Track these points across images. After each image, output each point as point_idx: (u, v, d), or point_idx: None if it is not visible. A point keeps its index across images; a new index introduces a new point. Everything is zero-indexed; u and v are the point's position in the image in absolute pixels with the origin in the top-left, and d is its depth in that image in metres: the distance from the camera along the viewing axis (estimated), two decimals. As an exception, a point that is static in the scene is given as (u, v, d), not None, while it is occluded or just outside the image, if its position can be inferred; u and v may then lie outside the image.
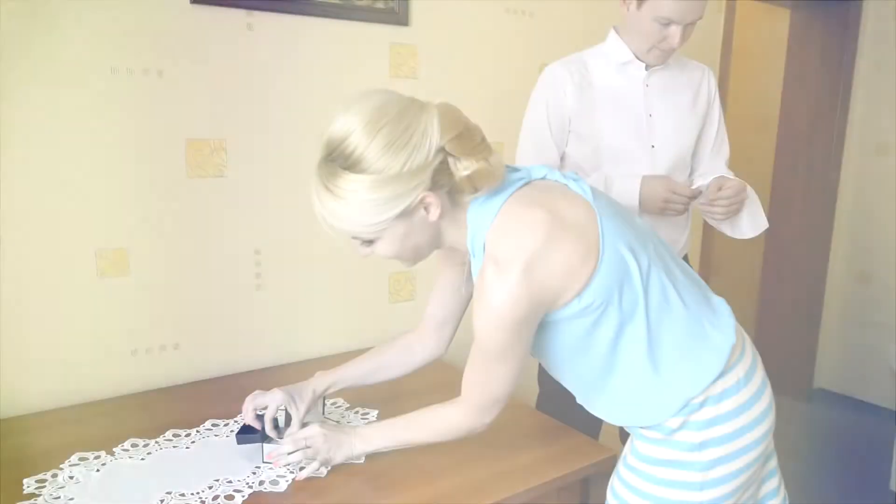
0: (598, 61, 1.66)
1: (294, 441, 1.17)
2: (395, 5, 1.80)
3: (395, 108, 0.96)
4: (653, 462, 1.07)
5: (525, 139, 1.72)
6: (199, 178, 1.59)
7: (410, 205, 0.96)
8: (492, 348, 1.00)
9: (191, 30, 1.53)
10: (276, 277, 1.74)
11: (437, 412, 1.16)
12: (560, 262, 0.95)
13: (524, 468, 1.23)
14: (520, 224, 0.97)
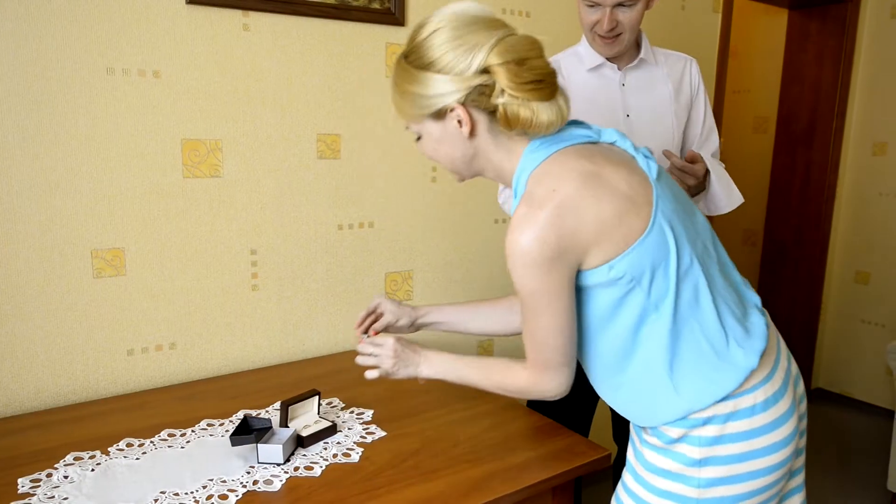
0: (571, 64, 1.64)
1: (372, 344, 1.23)
2: (391, 5, 1.80)
3: (471, 18, 0.97)
4: (654, 471, 1.05)
5: None
6: (195, 179, 1.60)
7: (441, 110, 0.99)
8: (526, 294, 0.97)
9: (187, 30, 1.53)
10: (273, 277, 1.74)
11: (508, 364, 1.14)
12: (593, 215, 0.94)
13: (518, 467, 1.23)
14: (562, 169, 0.97)
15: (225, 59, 1.59)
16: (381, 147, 1.86)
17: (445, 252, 2.04)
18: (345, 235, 1.84)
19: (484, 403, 1.51)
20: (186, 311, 1.64)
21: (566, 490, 1.31)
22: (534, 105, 0.96)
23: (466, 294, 2.10)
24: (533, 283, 0.96)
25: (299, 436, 1.28)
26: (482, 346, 2.17)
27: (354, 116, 1.80)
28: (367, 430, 1.37)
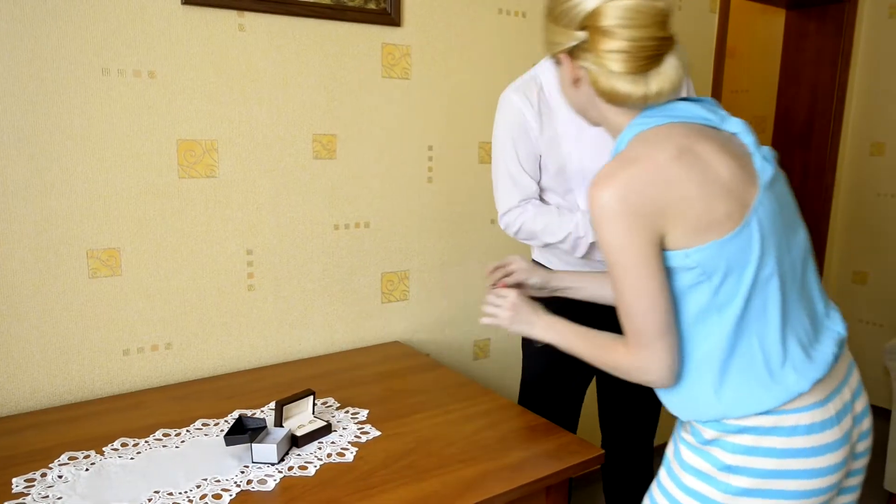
0: (552, 77, 1.59)
1: (496, 295, 1.25)
2: (387, 6, 1.80)
3: None
4: (686, 468, 1.05)
5: (501, 176, 1.60)
6: (190, 179, 1.60)
7: (555, 56, 1.06)
8: (609, 253, 0.96)
9: (182, 31, 1.54)
10: (269, 277, 1.74)
11: (613, 339, 1.07)
12: (678, 191, 0.93)
13: (512, 467, 1.23)
14: (662, 138, 0.96)
15: (220, 59, 1.59)
16: (378, 147, 1.86)
17: (441, 252, 2.04)
18: (341, 235, 1.84)
19: (479, 404, 1.52)
20: (182, 310, 1.64)
21: (560, 489, 1.31)
22: (616, 75, 0.96)
23: (463, 295, 2.10)
24: (614, 239, 0.95)
25: (294, 435, 1.28)
26: (477, 346, 2.17)
27: (350, 117, 1.80)
28: (361, 429, 1.37)
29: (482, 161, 2.07)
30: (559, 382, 1.72)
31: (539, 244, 1.61)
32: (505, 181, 1.60)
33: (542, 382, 1.73)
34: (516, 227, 1.59)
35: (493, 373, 2.24)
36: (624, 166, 0.94)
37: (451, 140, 1.99)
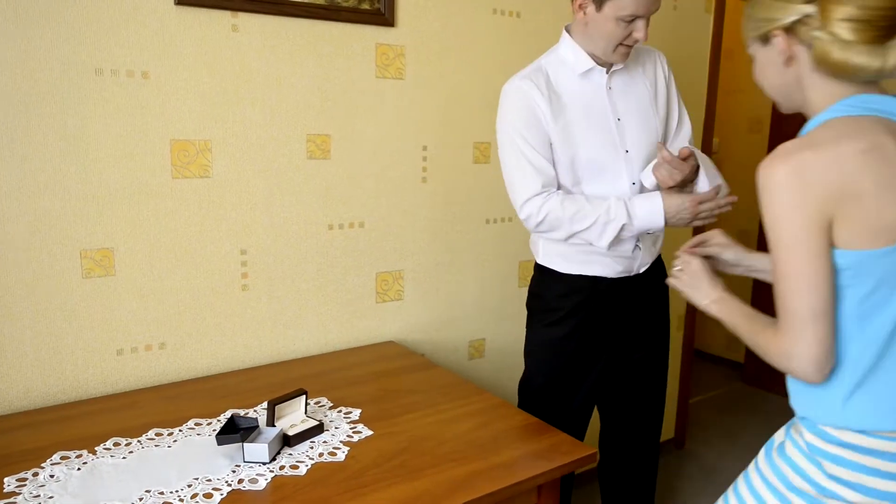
0: (558, 70, 1.60)
1: (683, 259, 1.27)
2: (381, 6, 1.80)
3: None
4: (791, 465, 1.05)
5: (517, 165, 1.57)
6: (184, 179, 1.60)
7: (765, 34, 1.03)
8: (770, 229, 0.96)
9: (175, 31, 1.54)
10: (263, 277, 1.75)
11: (770, 323, 1.05)
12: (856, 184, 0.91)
13: (503, 466, 1.24)
14: (857, 129, 0.94)
15: (214, 59, 1.60)
16: (372, 147, 1.86)
17: (437, 253, 2.04)
18: (335, 235, 1.84)
19: (472, 403, 1.52)
20: (176, 311, 1.64)
21: (552, 488, 1.31)
22: (851, 46, 0.93)
23: (458, 295, 2.11)
24: (780, 213, 0.94)
25: (286, 435, 1.29)
26: (473, 346, 2.18)
27: (345, 117, 1.80)
28: (353, 429, 1.37)
29: (477, 161, 2.07)
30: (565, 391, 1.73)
31: (562, 235, 1.57)
32: (523, 168, 1.56)
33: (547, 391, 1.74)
34: (541, 217, 1.54)
35: (489, 373, 2.24)
36: (804, 147, 0.94)
37: (445, 140, 1.99)
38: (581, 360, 1.70)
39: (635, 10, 1.47)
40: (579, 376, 1.71)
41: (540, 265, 1.74)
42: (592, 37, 1.54)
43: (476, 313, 2.17)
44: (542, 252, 1.72)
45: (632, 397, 1.80)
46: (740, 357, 3.91)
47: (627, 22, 1.49)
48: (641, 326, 1.75)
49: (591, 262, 1.65)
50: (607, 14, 1.48)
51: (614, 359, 1.74)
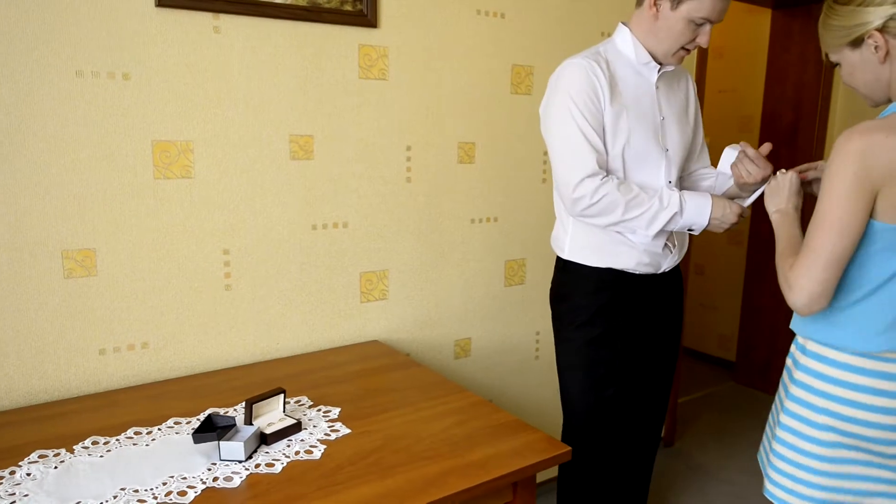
0: (616, 58, 1.62)
1: (782, 173, 1.43)
2: (363, 7, 1.81)
3: None
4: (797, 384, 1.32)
5: (573, 142, 1.53)
6: (166, 180, 1.61)
7: (860, 37, 1.20)
8: (827, 181, 1.16)
9: (157, 33, 1.55)
10: (246, 277, 1.76)
11: (791, 261, 1.26)
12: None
13: (477, 464, 1.25)
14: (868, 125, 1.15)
15: (196, 61, 1.61)
16: (355, 148, 1.87)
17: (421, 252, 2.05)
18: (318, 235, 1.85)
19: (451, 402, 1.53)
20: (159, 310, 1.65)
21: (527, 486, 1.32)
22: None
23: (444, 294, 2.12)
24: (839, 171, 1.15)
25: (263, 433, 1.30)
26: (458, 345, 2.19)
27: (327, 118, 1.81)
28: (331, 427, 1.38)
29: (461, 161, 2.08)
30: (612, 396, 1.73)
31: (610, 221, 1.54)
32: (579, 146, 1.53)
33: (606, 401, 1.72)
34: (595, 199, 1.51)
35: (475, 372, 2.25)
36: (879, 129, 1.14)
37: (429, 140, 2.00)
38: (614, 360, 1.71)
39: (710, 13, 1.49)
40: (614, 379, 1.72)
41: (565, 262, 1.72)
42: (659, 35, 1.56)
43: (461, 313, 2.18)
44: (568, 246, 1.70)
45: (641, 396, 1.82)
46: (732, 356, 3.92)
47: (697, 25, 1.52)
48: (658, 326, 1.77)
49: (620, 253, 1.64)
50: (681, 14, 1.51)
51: (631, 358, 1.75)
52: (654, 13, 1.54)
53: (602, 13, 2.30)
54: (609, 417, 1.74)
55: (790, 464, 1.31)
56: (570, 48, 2.23)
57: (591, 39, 2.28)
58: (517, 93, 2.16)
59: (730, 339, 3.98)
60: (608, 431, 1.75)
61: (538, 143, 2.23)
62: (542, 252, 2.33)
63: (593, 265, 1.67)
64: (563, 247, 1.73)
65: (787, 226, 1.35)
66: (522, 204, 2.25)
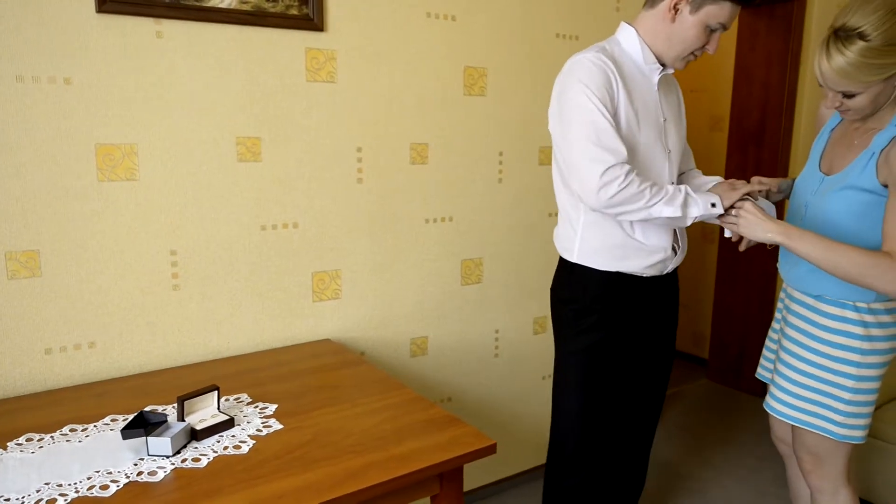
0: (622, 58, 1.61)
1: (735, 211, 1.56)
2: (309, 11, 1.84)
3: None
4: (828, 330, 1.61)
5: (591, 135, 1.49)
6: (110, 182, 1.64)
7: (894, 73, 1.43)
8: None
9: (98, 38, 1.58)
10: (195, 278, 1.79)
11: (866, 251, 1.43)
12: None
13: (400, 457, 1.28)
14: None
15: (138, 65, 1.64)
16: (304, 149, 1.90)
17: (375, 252, 2.08)
18: (268, 236, 1.88)
19: (389, 398, 1.56)
20: (105, 311, 1.68)
21: (454, 477, 1.35)
22: None
23: (399, 293, 2.15)
24: None
25: (193, 429, 1.33)
26: (415, 343, 2.21)
27: (275, 120, 1.84)
28: (265, 423, 1.41)
29: (414, 162, 2.11)
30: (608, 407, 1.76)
31: (637, 208, 1.50)
32: (605, 133, 1.49)
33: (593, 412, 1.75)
34: (623, 185, 1.47)
35: (432, 369, 2.28)
36: None
37: (381, 142, 2.03)
38: (615, 365, 1.74)
39: (727, 20, 1.53)
40: (614, 384, 1.75)
41: (572, 265, 1.71)
42: (672, 39, 1.57)
43: (417, 311, 2.21)
44: (578, 249, 1.69)
45: (640, 399, 1.86)
46: (705, 354, 3.94)
47: (711, 31, 1.54)
48: (657, 327, 1.81)
49: (630, 257, 1.66)
50: (699, 19, 1.52)
51: (631, 359, 1.78)
52: (672, 16, 1.54)
53: (556, 15, 2.33)
54: (602, 418, 1.76)
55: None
56: (525, 50, 2.27)
57: (546, 41, 2.31)
58: (471, 94, 2.19)
59: (703, 337, 4.01)
60: (601, 436, 1.78)
61: (494, 143, 2.26)
62: (500, 251, 2.36)
63: (602, 269, 1.68)
64: (571, 249, 1.71)
65: (803, 234, 1.49)
66: (478, 204, 2.28)
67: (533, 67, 2.30)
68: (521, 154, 2.35)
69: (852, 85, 1.47)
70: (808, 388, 1.63)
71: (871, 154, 1.53)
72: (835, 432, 1.61)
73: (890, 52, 1.41)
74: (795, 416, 1.65)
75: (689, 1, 1.51)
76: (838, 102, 1.55)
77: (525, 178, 2.37)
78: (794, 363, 1.65)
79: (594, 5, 2.42)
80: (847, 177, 1.58)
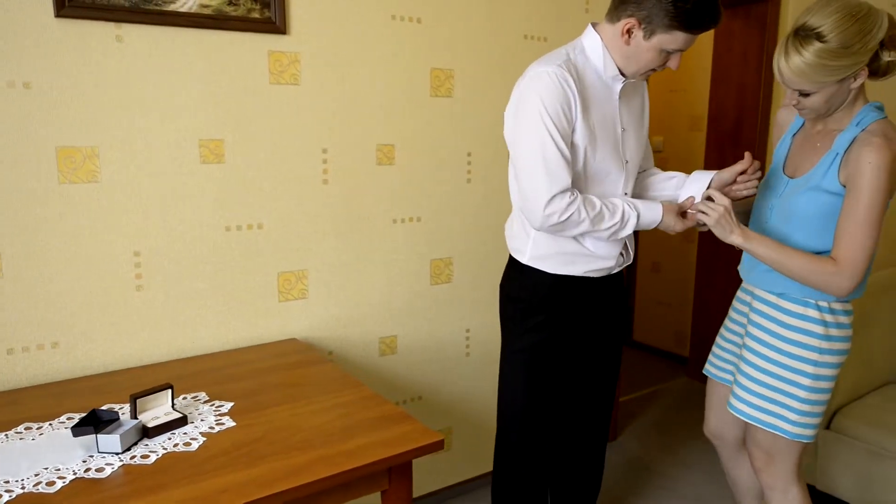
0: (585, 66, 1.60)
1: (706, 203, 1.62)
2: (271, 15, 1.86)
3: (858, 11, 1.44)
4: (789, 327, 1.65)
5: (548, 155, 1.51)
6: (71, 184, 1.66)
7: (849, 74, 1.47)
8: (871, 195, 1.45)
9: (57, 43, 1.60)
10: (159, 278, 1.81)
11: (816, 257, 1.54)
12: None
13: (346, 453, 1.30)
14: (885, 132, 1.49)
15: (99, 69, 1.66)
16: (268, 151, 1.93)
17: (342, 252, 2.11)
18: (232, 237, 1.91)
19: (344, 396, 1.58)
20: (68, 311, 1.70)
21: (402, 472, 1.38)
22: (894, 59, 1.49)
23: (367, 293, 2.17)
24: (883, 185, 1.45)
25: (145, 427, 1.35)
26: (384, 342, 2.24)
27: (238, 122, 1.87)
28: (218, 421, 1.44)
29: (381, 163, 2.13)
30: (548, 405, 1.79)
31: (576, 232, 1.57)
32: (553, 159, 1.51)
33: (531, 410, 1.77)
34: (571, 212, 1.51)
35: (401, 368, 2.30)
36: (889, 132, 1.49)
37: (346, 143, 2.06)
38: (559, 363, 1.77)
39: (682, 46, 1.52)
40: (558, 382, 1.78)
41: (523, 266, 1.73)
42: (627, 58, 1.57)
43: (386, 311, 2.23)
44: (529, 253, 1.71)
45: (591, 393, 1.88)
46: (687, 352, 3.97)
47: (668, 53, 1.54)
48: (603, 325, 1.83)
49: (578, 262, 1.68)
50: (653, 44, 1.52)
51: (576, 357, 1.81)
52: (626, 39, 1.54)
53: (524, 16, 2.35)
54: (545, 415, 1.79)
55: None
56: (492, 52, 2.29)
57: (514, 43, 2.33)
58: (437, 95, 2.22)
59: (684, 336, 4.03)
60: (544, 432, 1.80)
61: (462, 144, 2.29)
62: (470, 251, 2.38)
63: (552, 272, 1.70)
64: (523, 251, 1.72)
65: (763, 240, 1.59)
66: (447, 204, 2.30)
67: (501, 69, 2.33)
68: (490, 155, 2.37)
69: (806, 84, 1.50)
70: (766, 387, 1.65)
71: (835, 154, 1.56)
72: (789, 431, 1.63)
73: (844, 54, 1.44)
74: (753, 414, 1.67)
75: (642, 28, 1.50)
76: (795, 100, 1.58)
77: (494, 179, 2.39)
78: (756, 361, 1.68)
79: (562, 7, 2.45)
80: (812, 178, 1.60)
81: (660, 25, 1.48)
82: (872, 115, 1.55)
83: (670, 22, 1.47)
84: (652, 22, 1.48)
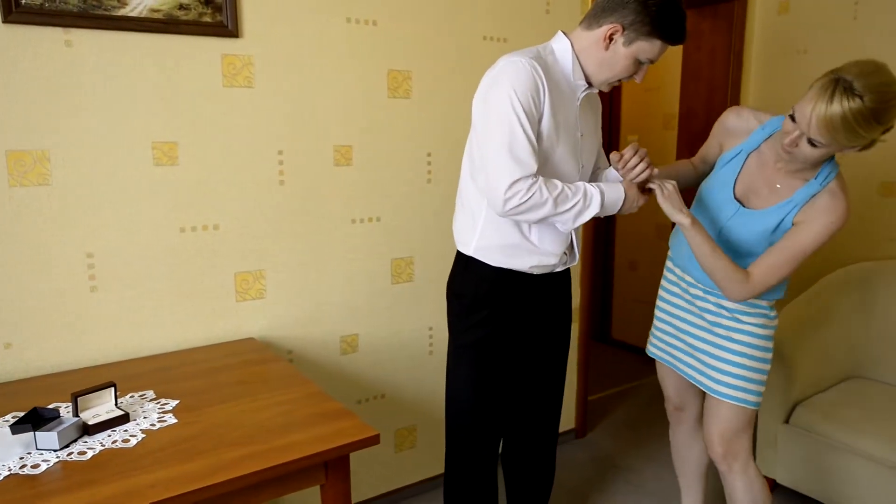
0: (554, 69, 1.63)
1: (658, 184, 1.70)
2: (223, 18, 1.89)
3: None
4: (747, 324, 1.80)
5: (515, 140, 1.52)
6: (22, 187, 1.69)
7: (859, 146, 1.52)
8: (803, 249, 1.60)
9: (6, 47, 1.63)
10: (112, 279, 1.83)
11: (734, 266, 1.67)
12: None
13: (280, 448, 1.32)
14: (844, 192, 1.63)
15: (48, 73, 1.68)
16: (223, 153, 1.95)
17: (300, 253, 2.13)
18: (188, 238, 1.93)
19: (290, 393, 1.61)
20: (20, 312, 1.73)
21: (339, 466, 1.41)
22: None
23: (326, 292, 2.19)
24: (825, 233, 1.59)
25: (85, 424, 1.37)
26: (345, 341, 2.26)
27: (191, 125, 1.89)
28: (161, 418, 1.46)
29: (338, 164, 2.16)
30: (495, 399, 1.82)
31: (538, 216, 1.58)
32: (520, 145, 1.53)
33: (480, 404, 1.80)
34: (532, 192, 1.53)
35: (364, 366, 2.33)
36: (845, 194, 1.61)
37: (302, 144, 2.08)
38: (504, 358, 1.79)
39: (656, 56, 1.59)
40: (503, 377, 1.81)
41: (467, 259, 1.75)
42: (602, 64, 1.61)
43: (346, 310, 2.26)
44: (475, 244, 1.72)
45: (538, 388, 1.91)
46: (662, 349, 3.99)
47: (640, 63, 1.60)
48: (548, 321, 1.86)
49: (522, 256, 1.70)
50: (631, 52, 1.57)
51: (520, 354, 1.84)
52: (606, 44, 1.57)
53: (484, 17, 2.38)
54: (493, 413, 1.81)
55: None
56: (451, 53, 2.32)
57: (472, 44, 2.36)
58: (395, 97, 2.24)
59: (660, 333, 4.05)
60: (491, 427, 1.83)
61: (421, 144, 2.32)
62: (432, 250, 2.41)
63: (495, 265, 1.72)
64: (469, 242, 1.74)
65: (701, 232, 1.67)
66: (407, 204, 2.33)
67: (461, 70, 2.35)
68: (451, 155, 2.40)
69: (826, 138, 1.48)
70: (736, 365, 1.79)
71: (794, 206, 1.65)
72: (751, 401, 1.78)
73: (873, 128, 1.46)
74: (732, 393, 1.80)
75: (624, 34, 1.55)
76: (794, 144, 1.57)
77: (455, 179, 2.41)
78: (722, 343, 1.82)
79: (523, 8, 2.47)
80: (766, 219, 1.69)
81: (641, 33, 1.54)
82: (835, 170, 1.64)
83: (651, 30, 1.53)
84: (635, 28, 1.54)
